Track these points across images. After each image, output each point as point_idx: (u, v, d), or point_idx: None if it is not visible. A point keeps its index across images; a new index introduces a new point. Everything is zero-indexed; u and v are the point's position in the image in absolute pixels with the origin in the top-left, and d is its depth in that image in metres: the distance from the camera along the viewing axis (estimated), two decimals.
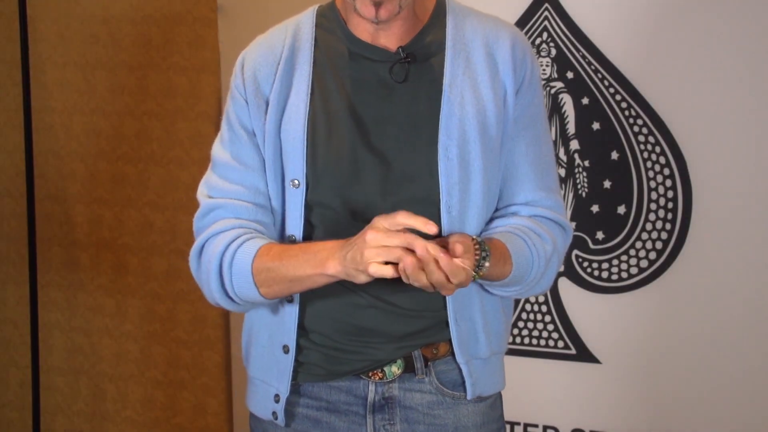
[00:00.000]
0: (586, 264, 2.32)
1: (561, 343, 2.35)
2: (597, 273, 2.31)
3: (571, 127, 2.31)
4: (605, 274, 2.31)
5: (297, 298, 1.48)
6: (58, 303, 3.15)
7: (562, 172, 2.31)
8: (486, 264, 1.35)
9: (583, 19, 2.26)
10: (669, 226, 2.25)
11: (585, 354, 2.33)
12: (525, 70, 1.50)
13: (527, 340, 2.38)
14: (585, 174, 2.30)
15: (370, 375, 1.48)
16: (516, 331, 2.38)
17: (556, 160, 2.32)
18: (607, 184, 2.29)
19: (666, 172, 2.24)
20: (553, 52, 2.29)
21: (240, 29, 2.59)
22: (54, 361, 3.18)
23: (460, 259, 1.28)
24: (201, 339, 2.98)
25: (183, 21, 2.87)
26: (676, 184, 2.24)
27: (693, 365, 2.25)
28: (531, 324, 2.37)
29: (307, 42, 1.50)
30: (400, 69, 1.46)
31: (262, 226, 1.48)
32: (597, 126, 2.29)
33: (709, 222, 2.22)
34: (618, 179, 2.28)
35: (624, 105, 2.25)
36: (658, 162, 2.25)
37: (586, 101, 2.29)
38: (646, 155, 2.25)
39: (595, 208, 2.30)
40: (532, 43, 2.29)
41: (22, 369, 3.22)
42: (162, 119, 2.93)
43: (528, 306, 2.38)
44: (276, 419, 1.52)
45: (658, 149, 2.24)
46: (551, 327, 2.36)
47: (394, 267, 1.27)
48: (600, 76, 2.26)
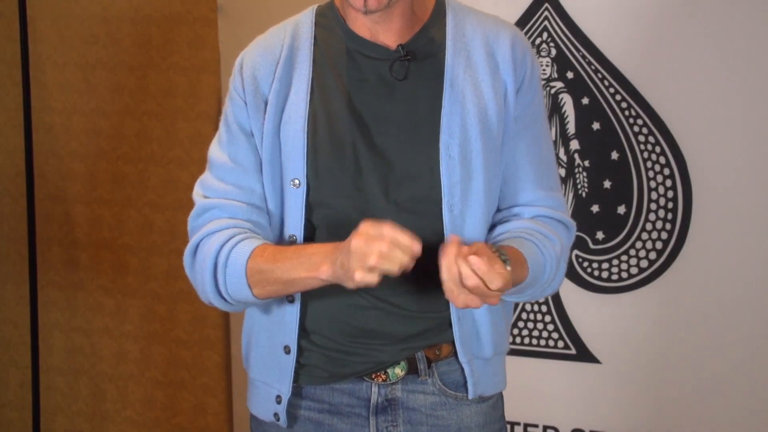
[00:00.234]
0: (586, 264, 2.32)
1: (561, 343, 2.35)
2: (597, 273, 2.31)
3: (571, 127, 2.31)
4: (605, 274, 2.31)
5: (298, 298, 1.48)
6: (58, 303, 3.15)
7: (562, 172, 2.31)
8: (508, 268, 1.33)
9: (583, 19, 2.26)
10: (669, 226, 2.25)
11: (585, 354, 2.33)
12: (525, 69, 1.50)
13: (527, 340, 2.38)
14: (585, 174, 2.30)
15: (373, 377, 1.48)
16: (516, 331, 2.38)
17: (556, 159, 2.32)
18: (607, 184, 2.29)
19: (666, 172, 2.24)
20: (553, 52, 2.29)
21: (240, 29, 2.59)
22: (54, 361, 3.18)
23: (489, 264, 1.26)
24: (201, 339, 2.98)
25: (183, 21, 2.86)
26: (676, 184, 2.24)
27: (693, 365, 2.25)
28: (531, 324, 2.37)
29: (307, 41, 1.50)
30: (400, 67, 1.46)
31: (256, 226, 1.48)
32: (597, 126, 2.29)
33: (709, 222, 2.21)
34: (618, 179, 2.28)
35: (624, 105, 2.25)
36: (658, 162, 2.25)
37: (586, 101, 2.29)
38: (646, 155, 2.25)
39: (595, 208, 2.30)
40: (532, 44, 2.29)
41: (22, 369, 3.22)
42: (162, 119, 2.93)
43: (528, 306, 2.38)
44: (278, 420, 1.51)
45: (658, 149, 2.24)
46: (551, 327, 2.36)
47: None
48: (600, 76, 2.26)
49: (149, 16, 2.90)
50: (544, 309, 2.36)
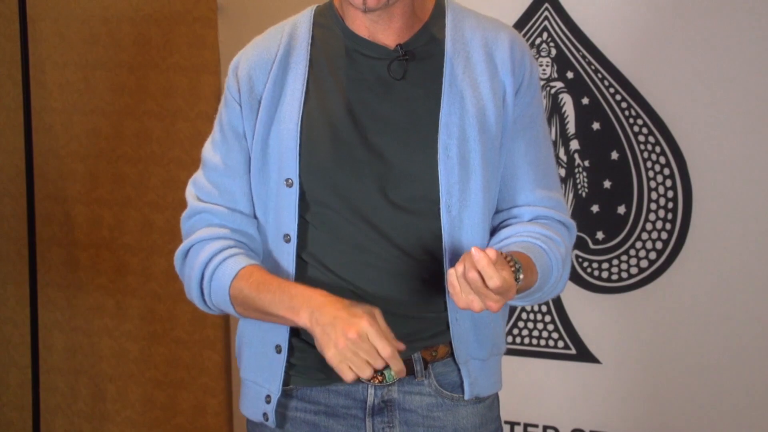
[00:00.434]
0: (586, 264, 2.32)
1: (561, 343, 2.35)
2: (597, 273, 2.31)
3: (571, 127, 2.31)
4: (605, 274, 2.31)
5: None
6: (58, 303, 3.15)
7: (562, 172, 2.31)
8: (521, 276, 1.34)
9: (583, 19, 2.26)
10: (669, 226, 2.25)
11: (585, 354, 2.33)
12: (524, 71, 1.50)
13: (527, 340, 2.38)
14: (585, 174, 2.30)
15: (369, 378, 1.48)
16: (516, 331, 2.38)
17: (556, 160, 2.32)
18: (607, 184, 2.29)
19: (666, 172, 2.24)
20: (553, 52, 2.29)
21: (240, 29, 2.59)
22: (54, 361, 3.18)
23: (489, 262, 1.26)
24: (201, 339, 2.98)
25: (183, 21, 2.86)
26: (676, 184, 2.24)
27: (693, 365, 2.25)
28: (531, 324, 2.37)
29: (304, 41, 1.50)
30: (398, 66, 1.46)
31: (245, 237, 1.50)
32: (597, 126, 2.28)
33: (709, 222, 2.21)
34: (618, 179, 2.27)
35: (624, 105, 2.25)
36: (658, 162, 2.25)
37: (586, 101, 2.29)
38: (646, 155, 2.25)
39: (595, 208, 2.30)
40: (531, 44, 2.29)
41: (22, 369, 3.22)
42: (162, 119, 2.93)
43: (528, 306, 2.37)
44: (267, 421, 1.50)
45: (658, 149, 2.24)
46: (551, 327, 2.36)
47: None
48: (600, 76, 2.26)
49: (149, 16, 2.90)
50: (544, 309, 2.36)
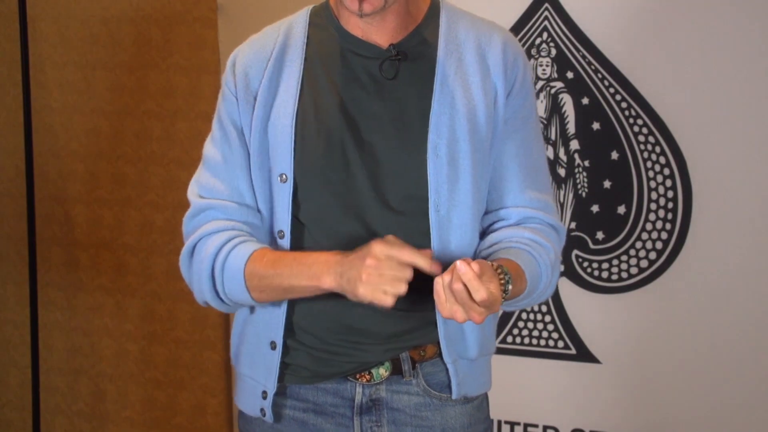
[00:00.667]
0: (586, 264, 2.32)
1: (561, 343, 2.35)
2: (597, 273, 2.31)
3: (571, 127, 2.31)
4: (605, 274, 2.31)
5: None
6: (58, 303, 3.15)
7: (562, 172, 2.31)
8: (509, 287, 1.34)
9: (583, 19, 2.26)
10: (669, 226, 2.25)
11: (585, 354, 2.33)
12: (516, 72, 1.50)
13: (527, 340, 2.38)
14: (585, 174, 2.30)
15: (357, 377, 1.49)
16: (516, 331, 2.38)
17: (555, 160, 2.32)
18: (607, 184, 2.29)
19: (666, 172, 2.24)
20: (553, 52, 2.29)
21: (240, 29, 2.59)
22: (54, 361, 3.18)
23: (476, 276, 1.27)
24: (201, 339, 2.98)
25: (183, 21, 2.87)
26: (676, 184, 2.24)
27: (693, 365, 2.25)
28: (531, 324, 2.37)
29: (299, 40, 1.51)
30: (390, 66, 1.47)
31: (251, 228, 1.50)
32: (597, 126, 2.29)
33: (709, 222, 2.21)
34: (618, 179, 2.28)
35: (624, 105, 2.25)
36: (658, 162, 2.25)
37: (586, 101, 2.29)
38: (646, 155, 2.25)
39: (595, 208, 2.30)
40: (532, 44, 2.29)
41: (22, 369, 3.22)
42: (162, 119, 2.93)
43: (528, 306, 2.37)
44: (264, 416, 1.52)
45: (658, 149, 2.24)
46: (551, 327, 2.36)
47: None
48: (600, 76, 2.26)
49: (149, 16, 2.90)
50: (544, 309, 2.36)
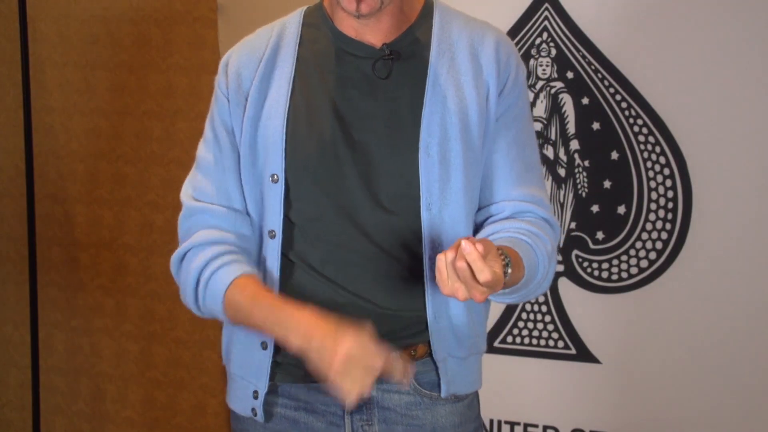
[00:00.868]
0: (586, 264, 2.32)
1: (561, 343, 2.35)
2: (597, 273, 2.31)
3: (571, 127, 2.31)
4: (605, 274, 2.31)
5: (276, 292, 1.49)
6: (58, 303, 3.15)
7: (562, 172, 2.31)
8: (509, 270, 1.32)
9: (583, 19, 2.26)
10: (669, 226, 2.25)
11: (585, 354, 2.33)
12: (509, 71, 1.50)
13: (527, 340, 2.38)
14: (585, 174, 2.30)
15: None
16: (516, 331, 2.38)
17: (555, 160, 2.32)
18: (607, 184, 2.29)
19: (666, 172, 2.24)
20: (553, 52, 2.29)
21: (240, 29, 2.58)
22: (54, 361, 3.18)
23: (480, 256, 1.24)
24: (201, 339, 2.98)
25: (183, 21, 2.87)
26: (676, 184, 2.24)
27: (693, 365, 2.25)
28: (531, 324, 2.37)
29: (292, 40, 1.51)
30: (383, 65, 1.47)
31: (240, 238, 1.51)
32: (597, 126, 2.29)
33: (709, 222, 2.21)
34: (618, 179, 2.28)
35: (624, 105, 2.25)
36: (658, 162, 2.25)
37: (586, 101, 2.29)
38: (646, 155, 2.25)
39: (595, 208, 2.30)
40: (532, 44, 2.29)
41: (22, 369, 3.22)
42: (162, 119, 2.93)
43: (528, 306, 2.38)
44: (255, 416, 1.53)
45: (658, 149, 2.24)
46: (551, 327, 2.36)
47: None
48: (600, 76, 2.26)
49: (149, 16, 2.90)
50: (544, 309, 2.36)
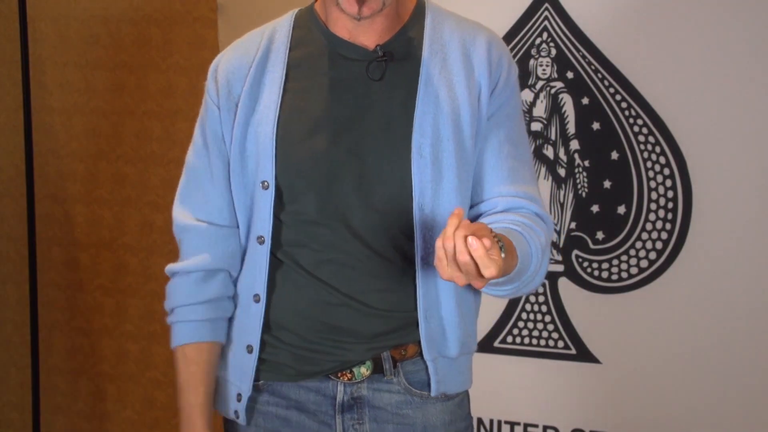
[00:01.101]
0: (586, 264, 2.32)
1: (561, 343, 2.35)
2: (597, 273, 2.31)
3: (571, 127, 2.31)
4: (605, 274, 2.31)
5: (263, 297, 1.50)
6: (58, 303, 3.15)
7: (562, 172, 2.31)
8: (503, 255, 1.28)
9: (583, 19, 2.26)
10: (669, 226, 2.25)
11: (585, 354, 2.33)
12: (501, 71, 1.50)
13: (527, 340, 2.38)
14: (585, 174, 2.30)
15: (338, 375, 1.49)
16: (516, 331, 2.38)
17: (555, 160, 2.32)
18: (607, 184, 2.29)
19: (666, 172, 2.24)
20: (553, 52, 2.29)
21: (240, 29, 2.58)
22: (54, 361, 3.18)
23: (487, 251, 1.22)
24: None
25: (183, 21, 2.87)
26: (676, 184, 2.24)
27: (693, 365, 2.25)
28: (531, 324, 2.37)
29: (282, 44, 1.51)
30: (376, 67, 1.47)
31: (225, 260, 1.54)
32: (597, 126, 2.29)
33: (709, 222, 2.21)
34: (618, 179, 2.28)
35: (624, 105, 2.25)
36: (658, 162, 2.25)
37: (586, 101, 2.29)
38: (646, 155, 2.25)
39: (595, 208, 2.30)
40: (532, 44, 2.29)
41: (22, 369, 3.22)
42: (162, 119, 2.93)
43: (528, 306, 2.38)
44: (237, 418, 1.53)
45: (658, 149, 2.24)
46: (551, 327, 2.36)
47: None
48: (600, 76, 2.26)
49: (149, 16, 2.90)
50: (544, 309, 2.36)
